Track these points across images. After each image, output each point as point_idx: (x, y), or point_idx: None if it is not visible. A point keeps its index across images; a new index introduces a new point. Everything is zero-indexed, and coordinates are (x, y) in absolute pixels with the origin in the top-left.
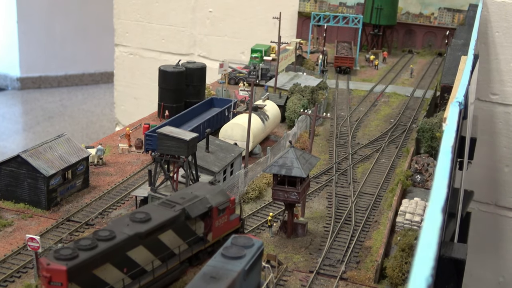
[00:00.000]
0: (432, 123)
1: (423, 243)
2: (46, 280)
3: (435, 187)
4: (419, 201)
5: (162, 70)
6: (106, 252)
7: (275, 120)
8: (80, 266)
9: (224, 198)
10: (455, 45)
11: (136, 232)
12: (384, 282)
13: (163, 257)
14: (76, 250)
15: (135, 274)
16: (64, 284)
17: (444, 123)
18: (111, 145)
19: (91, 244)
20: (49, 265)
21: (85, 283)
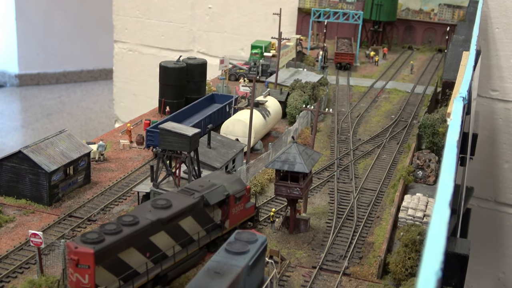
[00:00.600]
0: (434, 119)
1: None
2: (73, 263)
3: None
4: (421, 197)
5: (163, 66)
6: (130, 236)
7: (276, 116)
8: (106, 250)
9: (241, 187)
10: (456, 41)
11: (158, 218)
12: (387, 277)
13: (183, 243)
14: (102, 234)
15: (157, 259)
16: (91, 266)
17: (449, 118)
18: (112, 141)
19: (116, 228)
20: (76, 249)
21: (111, 266)
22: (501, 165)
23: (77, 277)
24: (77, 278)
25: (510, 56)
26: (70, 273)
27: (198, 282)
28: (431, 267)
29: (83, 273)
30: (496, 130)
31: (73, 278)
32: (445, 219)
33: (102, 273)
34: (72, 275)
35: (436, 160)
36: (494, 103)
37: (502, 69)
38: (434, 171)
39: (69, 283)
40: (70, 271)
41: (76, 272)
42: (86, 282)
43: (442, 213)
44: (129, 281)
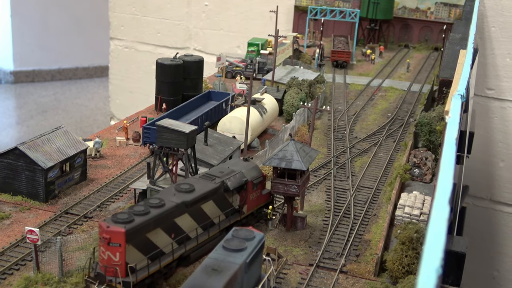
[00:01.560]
0: (431, 117)
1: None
2: (105, 241)
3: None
4: (418, 195)
5: (160, 63)
6: (157, 217)
7: (273, 114)
8: (135, 229)
9: (258, 173)
10: (453, 39)
11: (182, 201)
12: (384, 275)
13: (205, 225)
14: (131, 215)
15: (181, 240)
16: (122, 245)
17: (447, 116)
18: (109, 138)
19: (144, 210)
20: (108, 228)
21: (139, 245)
22: (497, 163)
23: (109, 255)
24: (109, 256)
25: (506, 55)
26: (101, 251)
27: (196, 279)
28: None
29: (114, 251)
30: (491, 129)
31: (105, 256)
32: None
33: (132, 252)
34: (103, 253)
35: (433, 158)
36: (490, 102)
37: (498, 68)
38: (431, 169)
39: (100, 261)
40: (102, 250)
41: (108, 250)
42: (117, 259)
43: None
44: (156, 260)
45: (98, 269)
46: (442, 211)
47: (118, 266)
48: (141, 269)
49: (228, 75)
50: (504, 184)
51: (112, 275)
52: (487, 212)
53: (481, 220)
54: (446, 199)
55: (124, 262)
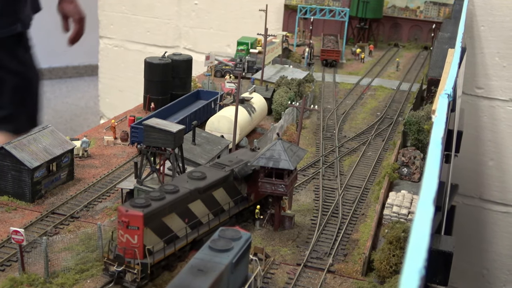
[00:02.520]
0: (419, 116)
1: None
2: (124, 224)
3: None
4: (406, 194)
5: (148, 62)
6: (172, 203)
7: (262, 113)
8: (153, 213)
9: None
10: (442, 38)
11: (196, 187)
12: (371, 274)
13: (216, 212)
14: (148, 200)
15: (194, 225)
16: (140, 228)
17: (434, 115)
18: (96, 138)
19: (160, 195)
20: (127, 212)
21: (156, 228)
22: (486, 162)
23: (127, 237)
24: (127, 239)
25: (495, 54)
26: (120, 234)
27: (181, 280)
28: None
29: (133, 234)
30: (481, 128)
31: (123, 239)
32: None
33: (149, 235)
34: (122, 236)
35: (421, 157)
36: (479, 101)
37: (487, 66)
38: (419, 168)
39: (118, 244)
40: (120, 233)
41: (126, 233)
42: (135, 242)
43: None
44: (171, 243)
45: (117, 251)
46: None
47: (137, 248)
48: (157, 251)
49: (217, 74)
50: (493, 183)
51: (130, 257)
52: (477, 210)
53: (470, 218)
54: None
55: (142, 244)
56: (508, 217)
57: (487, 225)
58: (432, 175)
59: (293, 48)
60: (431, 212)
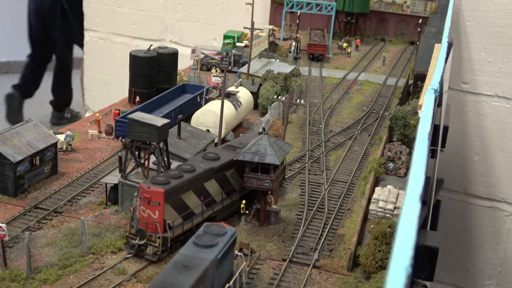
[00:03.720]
0: (405, 111)
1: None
2: (146, 200)
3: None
4: (392, 189)
5: (133, 55)
6: (189, 181)
7: (248, 107)
8: (172, 190)
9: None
10: (429, 33)
11: (210, 167)
12: (357, 270)
13: (228, 191)
14: (168, 178)
15: (209, 203)
16: (161, 203)
17: (420, 110)
18: (81, 131)
19: (179, 174)
20: (149, 188)
21: (175, 205)
22: (471, 157)
23: (149, 213)
24: (149, 214)
25: (481, 49)
26: (141, 210)
27: (166, 276)
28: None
29: (154, 209)
30: (466, 123)
31: (145, 214)
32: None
33: (169, 210)
34: (143, 211)
35: (407, 152)
36: (465, 96)
37: (473, 62)
38: (405, 163)
39: (140, 219)
40: (142, 208)
41: (148, 208)
42: (156, 217)
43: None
44: (188, 219)
45: (138, 226)
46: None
47: (158, 222)
48: (176, 226)
49: (203, 67)
50: (478, 178)
51: (152, 231)
52: (462, 205)
53: (456, 213)
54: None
55: (162, 219)
56: (493, 212)
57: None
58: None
59: (280, 42)
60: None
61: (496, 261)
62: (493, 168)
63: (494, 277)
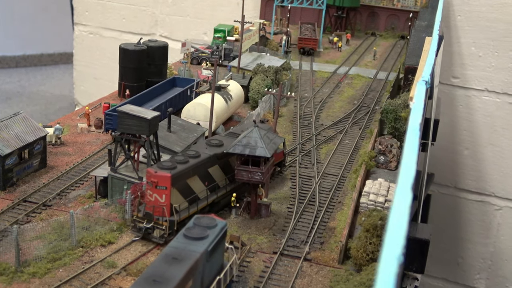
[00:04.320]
0: (396, 104)
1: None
2: (153, 185)
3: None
4: (382, 182)
5: (123, 48)
6: (195, 166)
7: (239, 100)
8: (179, 175)
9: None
10: (419, 26)
11: (214, 153)
12: (348, 262)
13: (231, 177)
14: (174, 163)
15: (213, 188)
16: (168, 187)
17: (411, 101)
18: (70, 125)
19: (184, 159)
20: (156, 173)
21: (181, 189)
22: (461, 151)
23: (156, 197)
24: (155, 198)
25: (471, 44)
26: (148, 194)
27: (156, 268)
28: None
29: (161, 193)
30: (456, 117)
31: (152, 198)
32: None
33: (175, 195)
34: (151, 196)
35: (398, 146)
36: (455, 90)
37: (463, 56)
38: (396, 156)
39: (147, 203)
40: (149, 193)
41: (155, 192)
42: (163, 201)
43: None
44: (194, 204)
45: (145, 210)
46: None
47: (165, 206)
48: (182, 210)
49: (193, 61)
50: (468, 172)
51: (159, 215)
52: (452, 199)
53: (446, 207)
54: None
55: (169, 203)
56: (483, 206)
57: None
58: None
59: (270, 36)
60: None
61: (486, 255)
62: (483, 162)
63: (484, 271)
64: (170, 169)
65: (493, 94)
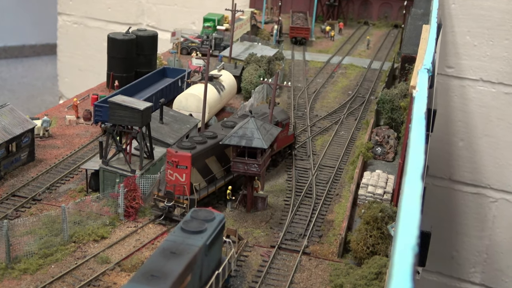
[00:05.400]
0: (393, 94)
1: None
2: (174, 164)
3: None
4: (381, 174)
5: (111, 38)
6: (213, 146)
7: (231, 91)
8: (198, 155)
9: (286, 116)
10: (415, 14)
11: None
12: (348, 256)
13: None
14: (194, 143)
15: (229, 168)
16: (188, 167)
17: (414, 90)
18: (58, 117)
19: (203, 140)
20: (177, 153)
21: (200, 169)
22: (456, 143)
23: (176, 176)
24: (176, 177)
25: (466, 33)
26: (168, 174)
27: (153, 263)
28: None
29: (181, 173)
30: (451, 108)
31: (172, 177)
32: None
33: (195, 174)
34: (171, 175)
35: (395, 136)
36: (449, 80)
37: (458, 45)
38: (393, 147)
39: (167, 182)
40: (169, 172)
41: (175, 172)
42: (183, 180)
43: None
44: (212, 183)
45: (165, 189)
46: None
47: (185, 185)
48: (201, 189)
49: (183, 51)
50: (463, 164)
51: (180, 193)
52: (447, 191)
53: (440, 200)
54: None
55: (189, 182)
56: (478, 198)
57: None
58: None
59: (261, 25)
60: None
61: (481, 248)
62: (478, 153)
63: (479, 264)
64: (190, 149)
65: (488, 84)
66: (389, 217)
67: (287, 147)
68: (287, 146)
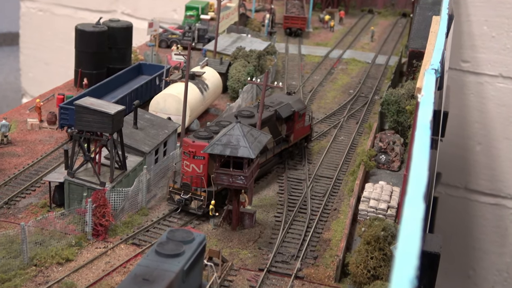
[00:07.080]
0: (399, 95)
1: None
2: (191, 155)
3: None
4: (384, 185)
5: (80, 30)
6: None
7: (216, 91)
8: None
9: (302, 105)
10: (424, 3)
11: (248, 124)
12: (346, 280)
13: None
14: (210, 133)
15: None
16: (205, 157)
17: (419, 94)
18: (18, 120)
19: (219, 129)
20: (194, 142)
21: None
22: (473, 147)
23: (193, 167)
24: (193, 168)
25: (483, 22)
26: (185, 165)
27: None
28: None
29: (199, 164)
30: (467, 107)
31: (189, 168)
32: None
33: (212, 165)
34: (187, 166)
35: (402, 142)
36: (465, 76)
37: (474, 36)
38: (399, 155)
39: (184, 173)
40: (186, 163)
41: (192, 163)
42: (200, 171)
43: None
44: None
45: (181, 181)
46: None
47: (203, 176)
48: None
49: (162, 44)
50: (480, 171)
51: (197, 185)
52: (462, 202)
53: (455, 211)
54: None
55: (207, 173)
56: (497, 210)
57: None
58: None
59: (252, 14)
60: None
61: (502, 266)
62: (498, 159)
63: (499, 284)
64: (207, 139)
65: (508, 80)
66: (393, 236)
67: (303, 139)
68: (303, 138)
